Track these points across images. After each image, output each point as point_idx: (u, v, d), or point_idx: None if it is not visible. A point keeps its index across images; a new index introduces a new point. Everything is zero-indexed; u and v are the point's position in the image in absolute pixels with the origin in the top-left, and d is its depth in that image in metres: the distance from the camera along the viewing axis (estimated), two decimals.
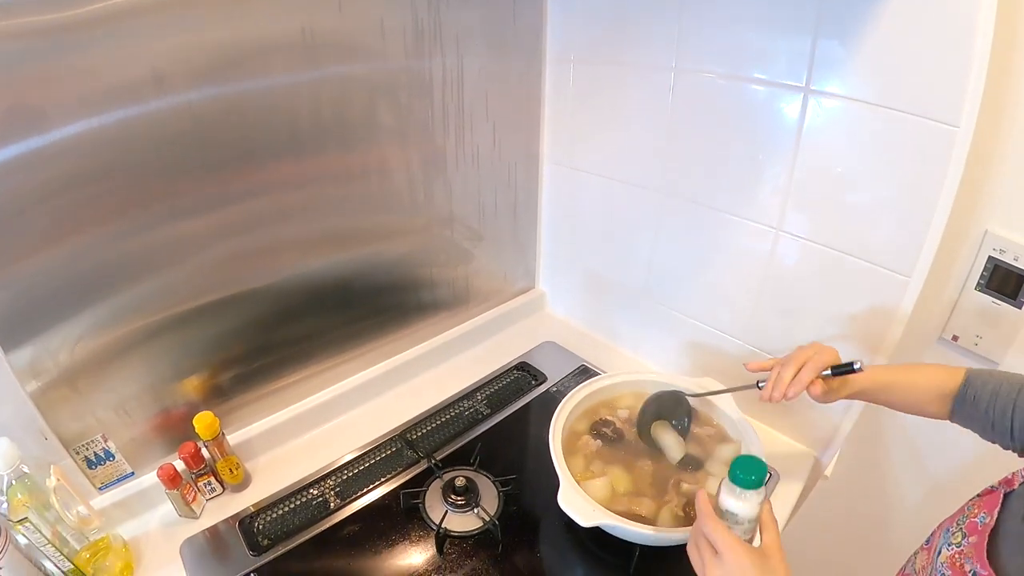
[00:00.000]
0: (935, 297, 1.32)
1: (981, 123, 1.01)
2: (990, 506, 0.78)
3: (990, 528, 0.75)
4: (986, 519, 0.76)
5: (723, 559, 0.80)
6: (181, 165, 1.10)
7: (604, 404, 1.34)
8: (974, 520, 0.78)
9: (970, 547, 0.75)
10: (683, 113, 1.38)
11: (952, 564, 0.76)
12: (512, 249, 1.83)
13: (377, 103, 1.33)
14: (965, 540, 0.77)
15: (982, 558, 0.72)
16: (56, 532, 1.02)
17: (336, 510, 1.26)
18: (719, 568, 0.80)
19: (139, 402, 1.21)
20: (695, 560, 0.86)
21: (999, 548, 0.73)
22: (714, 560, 0.81)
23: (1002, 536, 0.74)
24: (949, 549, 0.79)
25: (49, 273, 1.02)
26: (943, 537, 0.83)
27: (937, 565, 0.80)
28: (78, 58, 0.94)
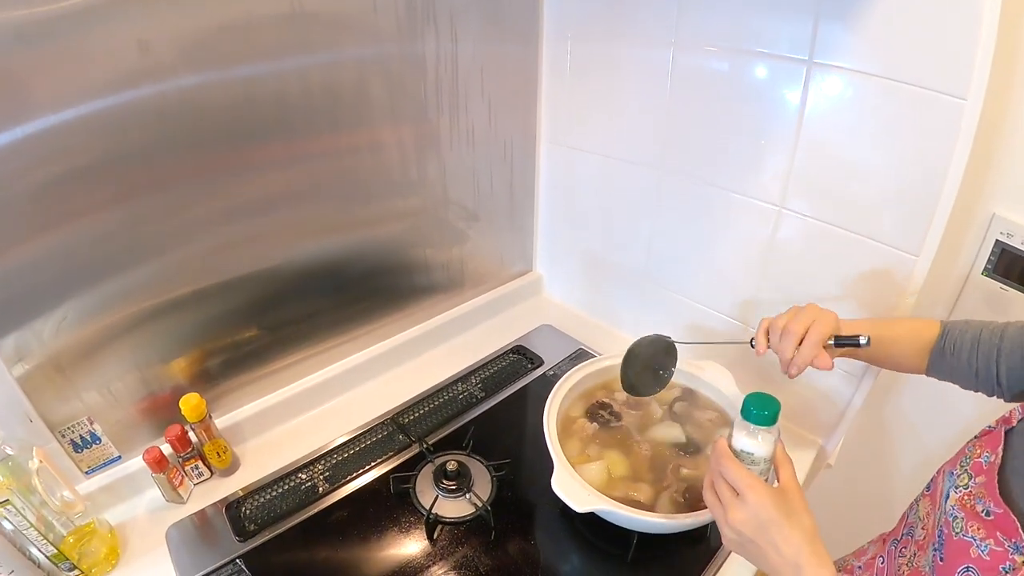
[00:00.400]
0: (941, 281, 1.29)
1: (989, 98, 0.98)
2: (992, 445, 0.78)
3: (997, 466, 0.76)
4: (991, 458, 0.77)
5: (745, 499, 0.78)
6: (168, 151, 1.08)
7: (601, 387, 1.31)
8: (978, 460, 0.79)
9: (979, 487, 0.76)
10: (683, 89, 1.34)
11: (963, 506, 0.77)
12: (508, 230, 1.80)
13: (369, 81, 1.29)
14: (972, 481, 0.78)
15: (995, 496, 0.73)
16: (41, 516, 1.00)
17: (325, 495, 1.24)
18: (742, 509, 0.79)
19: (126, 385, 1.19)
20: (712, 504, 0.84)
21: (1009, 485, 0.73)
22: (735, 501, 0.80)
23: (1010, 473, 0.74)
24: (957, 492, 0.79)
25: (37, 259, 1.01)
26: (948, 480, 0.83)
27: (947, 509, 0.79)
28: (65, 44, 0.92)
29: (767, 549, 0.76)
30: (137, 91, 1.00)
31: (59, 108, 0.94)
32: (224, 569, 1.09)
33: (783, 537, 0.75)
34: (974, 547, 0.73)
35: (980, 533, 0.73)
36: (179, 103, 1.05)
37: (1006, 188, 1.18)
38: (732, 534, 0.80)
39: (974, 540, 0.73)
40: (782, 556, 0.75)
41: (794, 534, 0.75)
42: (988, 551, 0.71)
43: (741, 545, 0.80)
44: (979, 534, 0.73)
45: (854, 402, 1.31)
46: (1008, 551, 0.69)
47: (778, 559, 0.76)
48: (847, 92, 1.11)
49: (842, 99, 1.12)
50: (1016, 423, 0.78)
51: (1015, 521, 0.69)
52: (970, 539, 0.74)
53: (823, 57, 1.11)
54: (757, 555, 0.79)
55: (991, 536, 0.71)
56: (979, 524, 0.73)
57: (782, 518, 0.76)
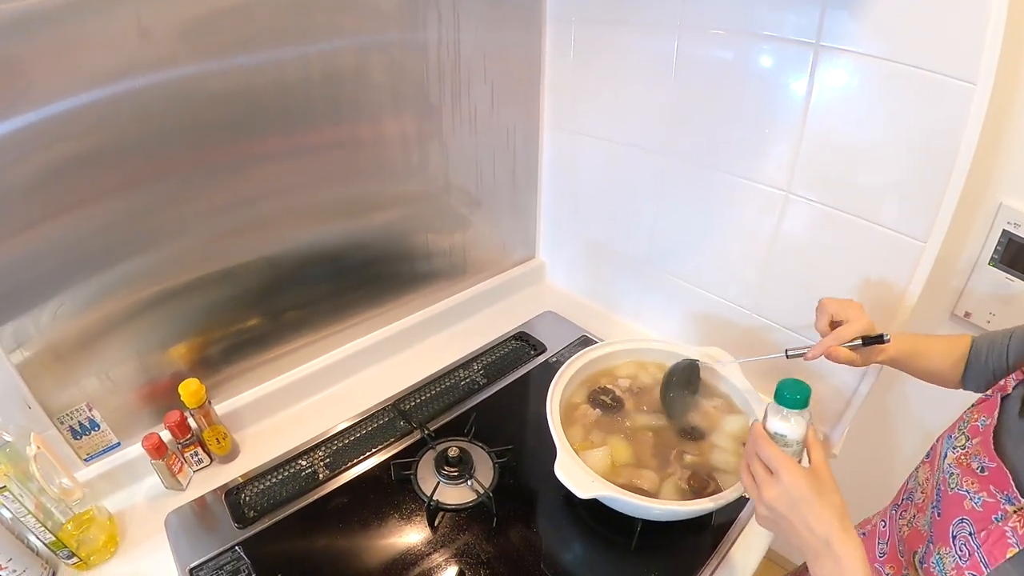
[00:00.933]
0: (948, 271, 1.28)
1: (998, 86, 0.96)
2: (989, 410, 0.83)
3: (992, 427, 0.80)
4: (987, 421, 0.81)
5: (780, 478, 0.81)
6: (168, 139, 1.07)
7: (604, 373, 1.30)
8: (975, 424, 0.83)
9: (975, 446, 0.80)
10: (688, 73, 1.33)
11: (959, 464, 0.81)
12: (511, 216, 1.79)
13: (370, 65, 1.28)
14: (969, 442, 0.82)
15: (990, 452, 0.77)
16: (39, 504, 0.99)
17: (325, 481, 1.23)
18: (776, 487, 0.81)
19: (125, 372, 1.19)
20: (748, 483, 0.87)
21: (1003, 444, 0.78)
22: (769, 480, 0.83)
23: (1005, 433, 0.79)
24: (955, 452, 0.84)
25: (36, 247, 1.01)
26: (947, 443, 0.87)
27: (944, 468, 0.84)
28: (65, 32, 0.91)
29: (798, 526, 0.79)
30: (136, 80, 1.00)
31: (58, 97, 0.94)
32: (223, 556, 1.08)
33: (814, 514, 0.78)
34: (968, 500, 0.77)
35: (974, 487, 0.77)
36: (179, 91, 1.05)
37: (1014, 177, 1.17)
38: (765, 511, 0.83)
39: (968, 493, 0.77)
40: (813, 533, 0.78)
41: (824, 512, 0.78)
42: (981, 503, 0.75)
43: (774, 522, 0.83)
44: (973, 487, 0.77)
45: (860, 392, 1.30)
46: (1000, 502, 0.73)
47: (809, 535, 0.78)
48: (854, 76, 1.09)
49: (849, 83, 1.10)
50: (1011, 390, 0.82)
51: (1007, 474, 0.73)
52: (964, 492, 0.78)
53: (830, 40, 1.10)
54: (789, 531, 0.81)
55: (984, 489, 0.75)
56: (973, 479, 0.78)
57: (814, 496, 0.78)
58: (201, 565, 1.06)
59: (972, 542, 0.73)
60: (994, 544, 0.71)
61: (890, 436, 1.57)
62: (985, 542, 0.72)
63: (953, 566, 0.75)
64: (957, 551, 0.75)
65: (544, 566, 1.08)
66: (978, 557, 0.72)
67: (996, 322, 1.26)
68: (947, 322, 1.36)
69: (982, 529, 0.73)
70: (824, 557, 0.77)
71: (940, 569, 0.77)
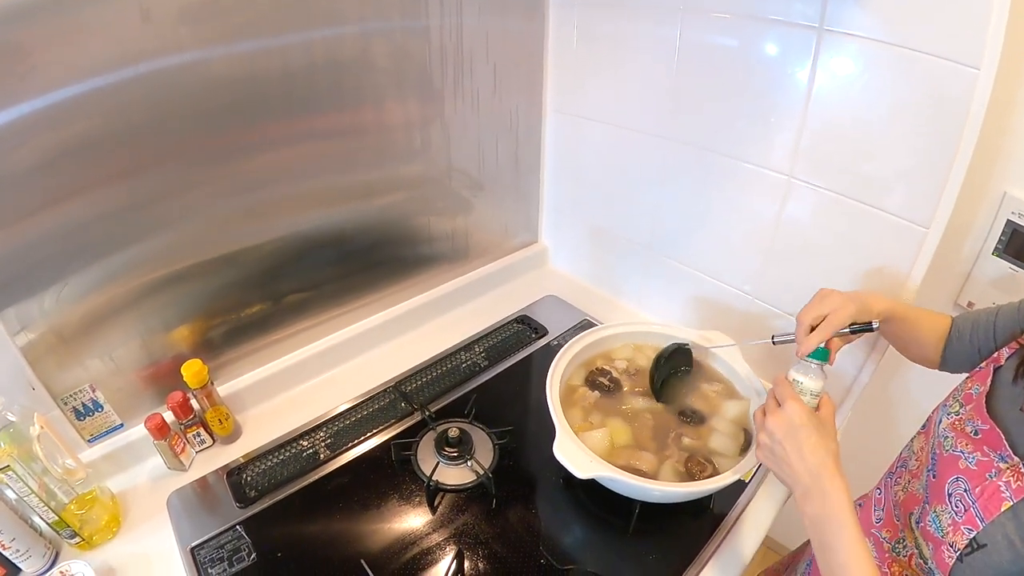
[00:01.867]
0: (951, 259, 1.28)
1: (1003, 74, 0.95)
2: (982, 378, 0.85)
3: (985, 394, 0.82)
4: (980, 389, 0.84)
5: (784, 409, 0.87)
6: (172, 125, 1.08)
7: (601, 355, 1.30)
8: (969, 391, 0.86)
9: (969, 412, 0.83)
10: (692, 57, 1.32)
11: (954, 428, 0.84)
12: (513, 200, 1.78)
13: (372, 47, 1.27)
14: (963, 408, 0.85)
15: (983, 415, 0.80)
16: (43, 484, 1.00)
17: (326, 462, 1.24)
18: (779, 414, 0.87)
19: (129, 353, 1.20)
20: (758, 418, 0.93)
21: (995, 408, 0.80)
22: (775, 410, 0.89)
23: (997, 399, 0.81)
24: (949, 418, 0.86)
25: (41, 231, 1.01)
26: (941, 411, 0.89)
27: (939, 432, 0.86)
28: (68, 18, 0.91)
29: (792, 454, 0.84)
30: (139, 65, 1.00)
31: (62, 83, 0.94)
32: (224, 535, 1.09)
33: (810, 445, 0.83)
34: (962, 460, 0.79)
35: (968, 448, 0.80)
36: (182, 77, 1.05)
37: (1019, 168, 1.17)
38: (765, 437, 0.89)
39: (963, 454, 0.80)
40: (805, 463, 0.83)
41: (820, 445, 0.83)
42: (975, 462, 0.77)
43: (771, 449, 0.88)
44: (967, 448, 0.80)
45: (860, 379, 1.30)
46: (994, 460, 0.75)
47: (800, 465, 0.83)
48: (857, 60, 1.08)
49: (852, 67, 1.09)
50: (1004, 361, 0.85)
51: (1000, 435, 0.76)
52: (959, 453, 0.80)
53: (834, 24, 1.09)
54: (783, 459, 0.86)
55: (978, 449, 0.78)
56: (967, 441, 0.80)
57: (812, 428, 0.84)
58: (202, 544, 1.07)
59: (967, 498, 0.76)
60: (989, 499, 0.73)
61: (891, 425, 1.57)
62: (980, 497, 0.74)
63: (949, 522, 0.77)
64: (953, 507, 0.77)
65: (543, 547, 1.09)
66: (973, 512, 0.74)
67: None
68: (950, 311, 1.34)
69: (977, 485, 0.75)
70: (812, 492, 0.81)
71: (937, 526, 0.79)
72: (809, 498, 0.82)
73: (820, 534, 0.80)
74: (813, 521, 0.81)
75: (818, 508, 0.80)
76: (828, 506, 0.79)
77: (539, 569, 1.05)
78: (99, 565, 1.04)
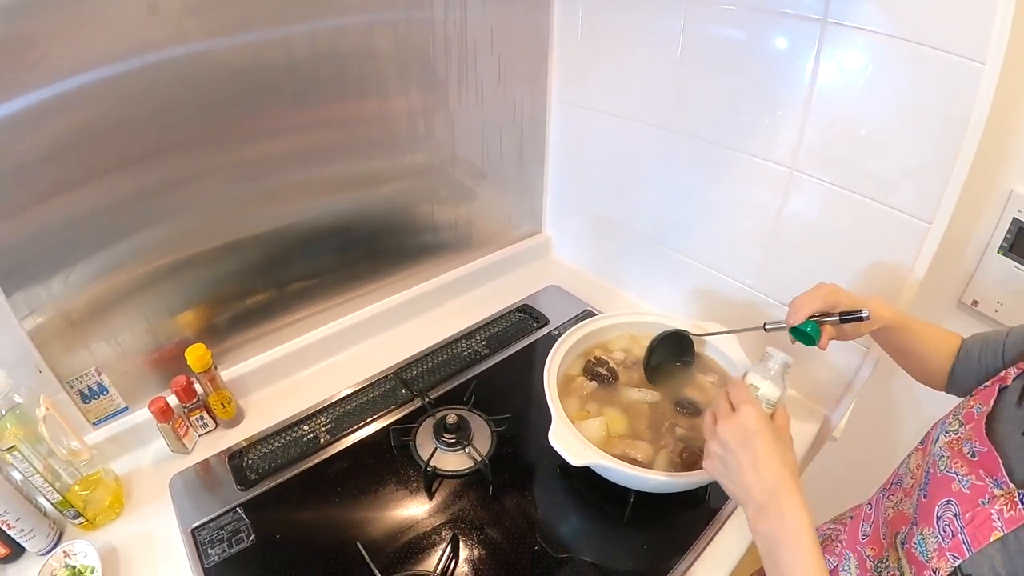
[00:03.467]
0: (956, 257, 1.27)
1: (1011, 70, 0.94)
2: (985, 398, 0.81)
3: (986, 414, 0.78)
4: (982, 408, 0.80)
5: (739, 414, 0.81)
6: (177, 115, 1.09)
7: (599, 345, 1.31)
8: (971, 410, 0.82)
9: (968, 432, 0.79)
10: (695, 48, 1.32)
11: (950, 447, 0.80)
12: (517, 189, 1.79)
13: (376, 38, 1.27)
14: (962, 427, 0.81)
15: (982, 437, 0.75)
16: (48, 465, 1.02)
17: (326, 446, 1.25)
18: (733, 420, 0.82)
19: (134, 338, 1.21)
20: (707, 422, 0.88)
21: (996, 431, 0.76)
22: (729, 414, 0.83)
23: (999, 420, 0.77)
24: (947, 436, 0.82)
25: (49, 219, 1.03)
26: (940, 428, 0.85)
27: (935, 451, 0.82)
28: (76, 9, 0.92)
29: (746, 465, 0.79)
30: (145, 56, 1.01)
31: (70, 73, 0.95)
32: (224, 517, 1.11)
33: (767, 455, 0.78)
34: (956, 482, 0.75)
35: (963, 470, 0.75)
36: (187, 67, 1.06)
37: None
38: (717, 446, 0.83)
39: (956, 475, 0.76)
40: (760, 477, 0.77)
41: (778, 456, 0.78)
42: (969, 485, 0.73)
43: (722, 459, 0.82)
44: (962, 471, 0.75)
45: (861, 374, 1.29)
46: (988, 486, 0.71)
47: (755, 478, 0.78)
48: (861, 53, 1.08)
49: (856, 61, 1.09)
50: (1011, 381, 0.80)
51: (998, 459, 0.72)
52: (952, 475, 0.76)
53: (837, 16, 1.08)
54: (736, 471, 0.80)
55: (973, 472, 0.74)
56: (963, 462, 0.76)
57: (769, 436, 0.79)
58: (203, 525, 1.09)
59: (956, 523, 0.72)
60: (979, 527, 0.69)
61: (893, 425, 1.57)
62: (969, 524, 0.70)
63: (936, 547, 0.74)
64: (940, 532, 0.74)
65: (538, 534, 1.10)
66: (961, 539, 0.70)
67: (1003, 312, 1.25)
68: (954, 309, 1.35)
69: (967, 511, 0.71)
70: (768, 509, 0.76)
71: (922, 550, 0.76)
72: (763, 516, 0.76)
73: (775, 556, 0.74)
74: (767, 541, 0.76)
75: (773, 528, 0.75)
76: (784, 528, 0.74)
77: (533, 556, 1.07)
78: (102, 545, 1.06)
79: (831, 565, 0.99)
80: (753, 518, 0.77)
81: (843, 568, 0.96)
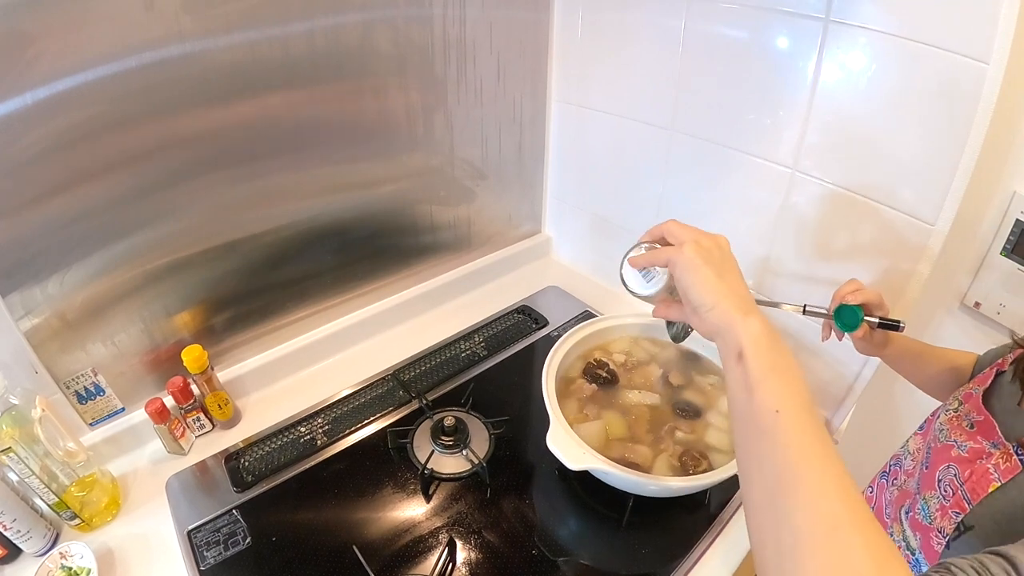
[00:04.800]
0: (958, 258, 1.26)
1: (1015, 71, 0.93)
2: (983, 381, 0.85)
3: (984, 391, 0.83)
4: (980, 390, 0.84)
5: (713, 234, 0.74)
6: (175, 115, 1.08)
7: (599, 347, 1.30)
8: (969, 391, 0.86)
9: (967, 407, 0.83)
10: (696, 47, 1.31)
11: (950, 422, 0.84)
12: (517, 190, 1.78)
13: (375, 33, 1.27)
14: (962, 406, 0.85)
15: (978, 407, 0.80)
16: (44, 466, 1.02)
17: (323, 448, 1.25)
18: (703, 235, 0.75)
19: (131, 339, 1.21)
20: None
21: (992, 403, 0.81)
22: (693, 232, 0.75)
23: (995, 396, 0.82)
24: (947, 414, 0.87)
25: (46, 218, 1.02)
26: (942, 409, 0.90)
27: (935, 427, 0.87)
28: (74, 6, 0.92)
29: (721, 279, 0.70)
30: (143, 54, 1.00)
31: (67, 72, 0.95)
32: (221, 519, 1.10)
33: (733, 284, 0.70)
34: (955, 448, 0.80)
35: (962, 438, 0.80)
36: (185, 66, 1.05)
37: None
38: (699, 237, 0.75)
39: (956, 443, 0.81)
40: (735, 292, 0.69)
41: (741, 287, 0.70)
42: (967, 449, 0.78)
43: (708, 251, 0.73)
44: (961, 438, 0.81)
45: (863, 375, 1.28)
46: (985, 447, 0.76)
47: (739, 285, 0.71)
48: (864, 52, 1.07)
49: (858, 60, 1.08)
50: (1007, 367, 0.84)
51: (994, 424, 0.77)
52: (952, 442, 0.81)
53: (840, 15, 1.07)
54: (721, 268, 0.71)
55: (972, 439, 0.79)
56: (962, 432, 0.81)
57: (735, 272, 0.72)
58: (199, 527, 1.09)
59: (956, 482, 0.76)
60: (978, 481, 0.73)
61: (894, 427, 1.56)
62: (968, 480, 0.74)
63: (937, 507, 0.77)
64: (941, 492, 0.78)
65: (536, 538, 1.09)
66: (961, 495, 0.74)
67: (1006, 314, 1.25)
68: (956, 311, 1.34)
69: (967, 470, 0.75)
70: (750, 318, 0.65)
71: (925, 513, 0.79)
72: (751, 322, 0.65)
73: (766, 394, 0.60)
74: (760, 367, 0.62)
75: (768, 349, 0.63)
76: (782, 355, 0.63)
77: (531, 560, 1.06)
78: (98, 547, 1.06)
79: None
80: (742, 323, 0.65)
81: None
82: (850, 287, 1.00)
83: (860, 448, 1.51)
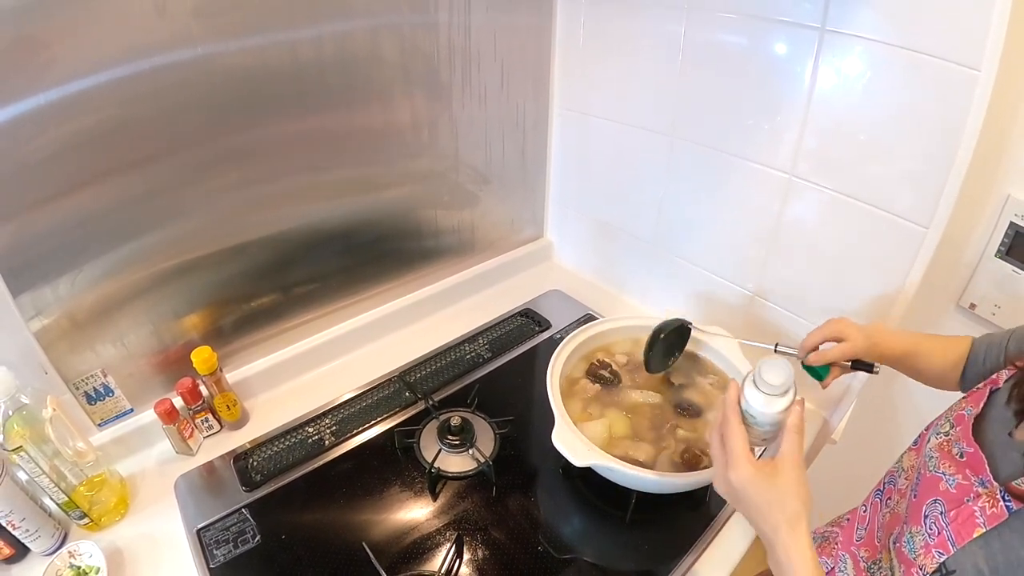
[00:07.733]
0: (954, 262, 1.28)
1: (1006, 75, 0.95)
2: (976, 400, 0.82)
3: (975, 415, 0.80)
4: (972, 411, 0.81)
5: (730, 464, 0.77)
6: (184, 119, 1.10)
7: (602, 348, 1.32)
8: (961, 412, 0.83)
9: (957, 433, 0.81)
10: (696, 55, 1.33)
11: (940, 449, 0.82)
12: (520, 195, 1.80)
13: (381, 41, 1.29)
14: (953, 429, 0.82)
15: (968, 438, 0.78)
16: (53, 466, 1.03)
17: (331, 448, 1.26)
18: (725, 470, 0.78)
19: (140, 340, 1.22)
20: (715, 450, 0.82)
21: (984, 430, 0.78)
22: (721, 462, 0.79)
23: (987, 420, 0.79)
24: (938, 438, 0.84)
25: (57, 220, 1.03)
26: (932, 430, 0.87)
27: (926, 452, 0.84)
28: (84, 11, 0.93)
29: (747, 513, 0.78)
30: (154, 59, 1.02)
31: (77, 75, 0.96)
32: (229, 518, 1.11)
33: (758, 509, 0.75)
34: (943, 481, 0.77)
35: (951, 470, 0.77)
36: (194, 70, 1.07)
37: (1022, 171, 1.16)
38: (724, 486, 0.80)
39: (944, 475, 0.78)
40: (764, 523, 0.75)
41: (773, 508, 0.74)
42: (955, 484, 0.75)
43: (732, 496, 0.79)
44: (950, 471, 0.78)
45: (860, 376, 1.29)
46: (973, 484, 0.73)
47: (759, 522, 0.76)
48: (859, 60, 1.09)
49: (854, 67, 1.10)
50: (1002, 384, 0.81)
51: (983, 459, 0.73)
52: (941, 474, 0.78)
53: (835, 24, 1.09)
54: (743, 513, 0.79)
55: (960, 472, 0.76)
56: (951, 463, 0.78)
57: (758, 487, 0.75)
58: (208, 526, 1.10)
59: (942, 520, 0.74)
60: (963, 524, 0.71)
61: (892, 428, 1.57)
62: (954, 521, 0.72)
63: (922, 544, 0.75)
64: (927, 529, 0.76)
65: (541, 535, 1.11)
66: (946, 535, 0.72)
67: (1001, 315, 1.26)
68: (952, 313, 1.36)
69: (952, 509, 0.73)
70: (775, 552, 0.73)
71: (911, 548, 0.78)
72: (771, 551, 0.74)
73: None
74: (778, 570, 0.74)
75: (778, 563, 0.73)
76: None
77: (537, 557, 1.07)
78: (107, 546, 1.06)
79: (828, 566, 1.01)
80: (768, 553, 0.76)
81: (839, 569, 0.98)
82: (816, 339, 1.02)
83: (860, 448, 1.52)
